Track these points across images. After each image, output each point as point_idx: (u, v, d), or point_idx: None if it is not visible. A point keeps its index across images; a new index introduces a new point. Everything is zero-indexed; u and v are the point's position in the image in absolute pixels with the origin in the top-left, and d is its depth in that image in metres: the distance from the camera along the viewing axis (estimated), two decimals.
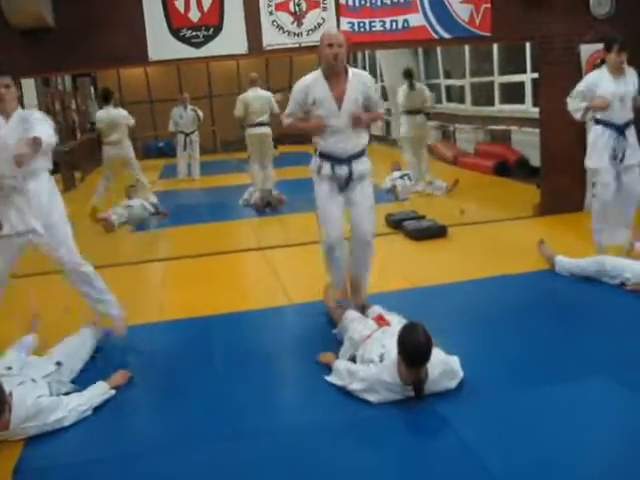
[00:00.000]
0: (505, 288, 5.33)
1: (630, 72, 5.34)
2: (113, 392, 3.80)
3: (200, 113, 13.01)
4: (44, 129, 3.98)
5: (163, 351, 4.53)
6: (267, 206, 9.23)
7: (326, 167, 4.47)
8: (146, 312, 5.15)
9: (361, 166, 4.52)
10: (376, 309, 4.44)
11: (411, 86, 9.75)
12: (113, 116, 8.81)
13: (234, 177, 12.45)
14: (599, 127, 5.49)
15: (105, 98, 9.11)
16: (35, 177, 4.13)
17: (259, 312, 5.08)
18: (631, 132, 5.49)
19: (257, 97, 9.26)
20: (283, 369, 4.25)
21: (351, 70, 4.45)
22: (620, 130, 5.42)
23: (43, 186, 4.18)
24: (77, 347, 4.23)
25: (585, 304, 4.91)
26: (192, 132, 12.99)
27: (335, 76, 4.36)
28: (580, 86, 5.51)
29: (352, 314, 4.39)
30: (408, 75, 9.87)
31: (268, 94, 9.46)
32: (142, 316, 4.95)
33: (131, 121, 9.18)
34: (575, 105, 5.52)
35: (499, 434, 3.14)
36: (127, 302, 4.73)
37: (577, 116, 5.57)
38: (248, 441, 3.26)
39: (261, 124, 9.25)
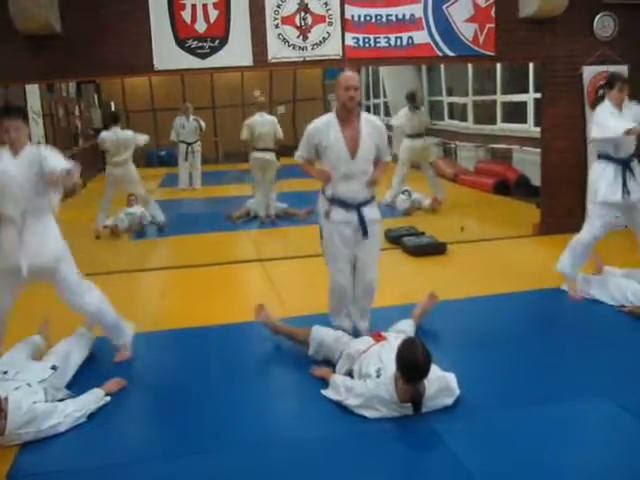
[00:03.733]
0: (504, 307, 5.35)
1: (629, 107, 5.27)
2: (108, 399, 3.79)
3: (202, 123, 13.02)
4: (60, 161, 3.84)
5: (159, 360, 4.53)
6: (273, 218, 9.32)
7: (335, 212, 4.43)
8: (143, 321, 5.14)
9: (371, 213, 4.49)
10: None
11: (414, 110, 9.75)
12: (122, 137, 8.74)
13: (235, 188, 12.46)
14: (604, 161, 5.35)
15: (114, 120, 9.05)
16: (38, 216, 3.96)
17: (255, 324, 5.08)
18: (635, 163, 5.38)
19: (264, 122, 9.22)
20: (278, 382, 4.23)
21: (364, 115, 4.46)
22: (626, 162, 5.32)
23: (42, 227, 3.99)
24: (71, 351, 4.23)
25: (586, 324, 4.92)
26: (194, 142, 13.00)
27: (349, 120, 4.35)
28: (606, 115, 5.24)
29: (323, 332, 4.33)
30: (411, 99, 9.86)
31: (274, 119, 9.44)
32: (139, 325, 4.93)
33: (142, 140, 9.10)
34: (613, 127, 5.14)
35: (493, 453, 3.13)
36: (125, 310, 4.71)
37: (618, 132, 5.12)
38: (242, 453, 3.25)
39: (266, 149, 9.21)
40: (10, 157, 3.90)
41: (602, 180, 5.28)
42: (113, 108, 16.60)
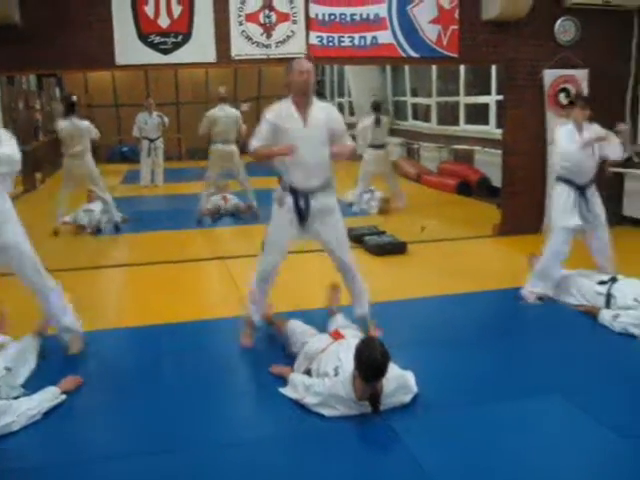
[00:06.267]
0: (463, 306, 5.39)
1: (588, 127, 5.36)
2: (63, 397, 3.74)
3: (166, 119, 12.91)
4: (11, 148, 3.92)
5: (117, 358, 4.47)
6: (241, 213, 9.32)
7: (289, 200, 4.42)
8: (102, 318, 5.09)
9: (326, 199, 4.48)
10: (339, 318, 4.54)
11: (377, 122, 9.73)
12: (77, 127, 8.54)
13: (198, 185, 12.34)
14: (564, 186, 5.42)
15: (70, 107, 8.80)
16: None
17: (215, 321, 5.07)
18: (592, 188, 5.47)
19: (225, 115, 9.10)
20: (237, 380, 4.20)
21: (317, 101, 4.45)
22: (583, 188, 5.40)
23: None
24: (23, 352, 4.16)
25: (543, 324, 5.01)
26: (156, 138, 12.88)
27: (304, 105, 4.34)
28: (561, 138, 5.41)
29: (296, 324, 4.42)
30: (376, 108, 9.87)
31: (236, 112, 9.33)
32: (98, 322, 4.88)
33: (95, 133, 8.86)
34: (570, 146, 5.33)
35: (450, 450, 3.16)
36: (84, 307, 4.67)
37: (576, 147, 5.30)
38: (200, 452, 3.23)
39: (227, 141, 9.08)
40: None
41: (561, 205, 5.38)
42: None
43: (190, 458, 3.18)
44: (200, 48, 6.51)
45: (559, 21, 7.48)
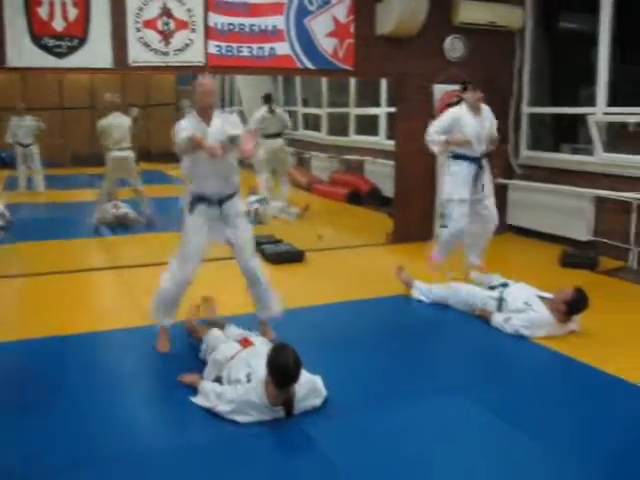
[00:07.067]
0: (362, 312, 5.54)
1: (485, 109, 5.83)
2: None
3: (42, 124, 12.46)
4: None
5: (12, 373, 4.25)
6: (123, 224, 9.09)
7: (199, 208, 4.47)
8: None
9: (234, 207, 4.56)
10: (233, 329, 4.51)
11: (271, 111, 9.91)
12: None
13: (84, 193, 12.02)
14: (458, 161, 5.94)
15: None
16: None
17: (114, 332, 4.95)
18: (487, 165, 5.99)
19: (119, 124, 9.08)
20: (145, 390, 4.13)
21: (217, 112, 4.54)
22: (478, 163, 5.91)
23: None
24: None
25: (440, 327, 5.23)
26: (30, 144, 12.40)
27: (206, 119, 4.43)
28: (443, 121, 5.94)
29: (216, 332, 4.42)
30: (267, 100, 10.03)
31: (128, 119, 9.29)
32: None
33: None
34: (435, 137, 5.92)
35: (361, 450, 3.26)
36: None
37: (435, 148, 5.96)
38: (106, 466, 3.15)
39: (122, 148, 9.05)
40: None
41: (456, 180, 5.81)
42: None
43: (99, 472, 3.10)
44: (96, 53, 6.36)
45: (448, 39, 7.86)
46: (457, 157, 5.97)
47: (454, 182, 5.97)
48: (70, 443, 3.35)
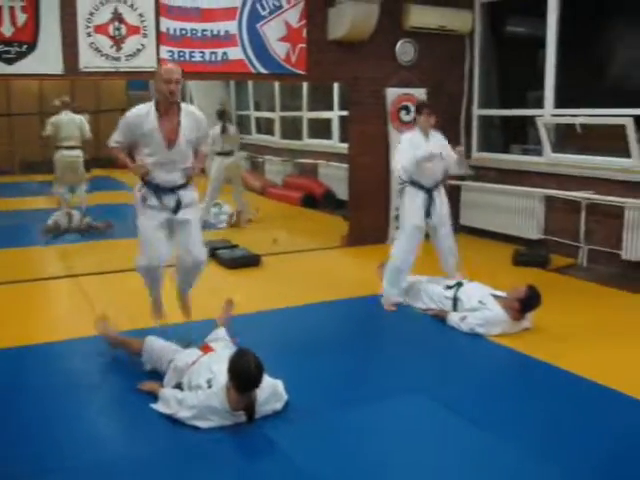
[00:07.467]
0: (320, 314, 5.59)
1: (434, 134, 5.73)
2: None
3: None
4: None
5: None
6: (83, 231, 8.98)
7: (152, 198, 4.47)
8: None
9: (188, 196, 4.57)
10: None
11: (224, 130, 9.78)
12: None
13: (34, 200, 11.82)
14: (412, 188, 5.69)
15: None
16: None
17: (70, 342, 4.88)
18: (440, 190, 5.79)
19: (69, 120, 9.04)
20: (104, 400, 4.07)
21: (183, 106, 4.53)
22: (430, 190, 5.70)
23: None
24: None
25: (397, 327, 5.31)
26: None
27: (168, 111, 4.40)
28: (404, 150, 5.62)
29: (154, 341, 4.33)
30: (221, 116, 9.90)
31: (82, 118, 9.21)
32: None
33: None
34: (407, 166, 5.59)
35: (325, 452, 3.29)
36: None
37: (412, 169, 5.62)
38: (71, 475, 3.12)
39: (72, 147, 8.98)
40: None
41: (410, 207, 5.68)
42: None
43: None
44: (46, 59, 6.25)
45: (399, 43, 7.96)
46: (412, 184, 5.71)
47: (408, 210, 5.73)
48: (35, 453, 3.30)
